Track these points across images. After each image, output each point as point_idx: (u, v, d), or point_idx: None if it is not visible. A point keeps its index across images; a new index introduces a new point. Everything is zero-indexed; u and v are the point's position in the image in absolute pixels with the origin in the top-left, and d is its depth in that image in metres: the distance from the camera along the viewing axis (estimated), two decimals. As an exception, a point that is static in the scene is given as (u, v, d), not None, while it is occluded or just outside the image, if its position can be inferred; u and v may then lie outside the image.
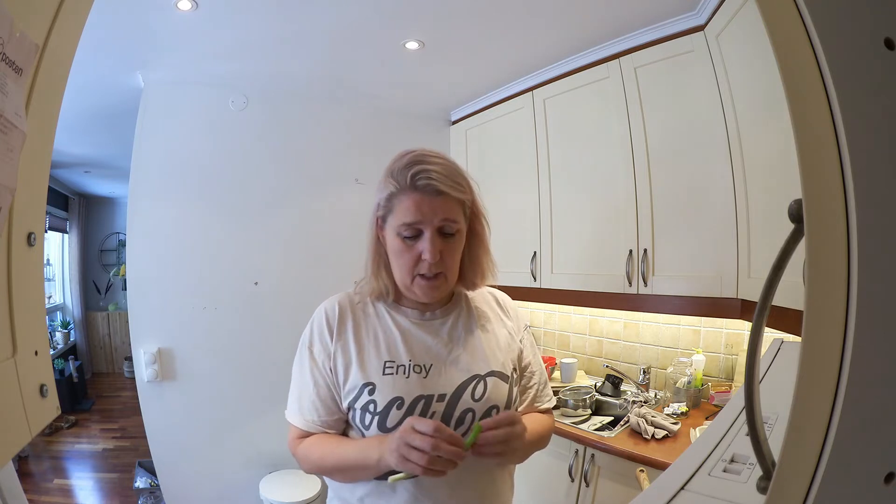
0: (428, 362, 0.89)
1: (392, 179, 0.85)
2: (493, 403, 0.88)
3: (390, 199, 0.86)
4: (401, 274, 0.88)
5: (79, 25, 0.49)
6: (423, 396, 0.85)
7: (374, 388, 0.86)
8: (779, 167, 1.28)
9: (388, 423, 0.84)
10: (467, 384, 0.88)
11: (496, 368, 0.92)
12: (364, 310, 0.94)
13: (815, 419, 0.38)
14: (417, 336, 0.91)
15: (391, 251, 0.88)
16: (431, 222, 0.83)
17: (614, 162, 1.98)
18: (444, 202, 0.83)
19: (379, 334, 0.91)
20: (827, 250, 0.37)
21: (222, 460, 2.31)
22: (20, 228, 0.44)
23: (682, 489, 0.66)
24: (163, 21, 1.71)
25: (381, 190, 0.88)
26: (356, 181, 2.60)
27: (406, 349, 0.89)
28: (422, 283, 0.87)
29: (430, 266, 0.85)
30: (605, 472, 1.72)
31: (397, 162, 0.86)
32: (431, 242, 0.83)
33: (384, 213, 0.88)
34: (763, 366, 0.97)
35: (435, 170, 0.83)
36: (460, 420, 0.86)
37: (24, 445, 0.43)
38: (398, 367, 0.87)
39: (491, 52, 2.05)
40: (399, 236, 0.85)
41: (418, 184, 0.82)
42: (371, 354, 0.89)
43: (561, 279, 2.24)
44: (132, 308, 2.13)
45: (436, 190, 0.82)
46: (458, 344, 0.92)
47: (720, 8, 1.51)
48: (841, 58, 0.38)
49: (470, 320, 0.96)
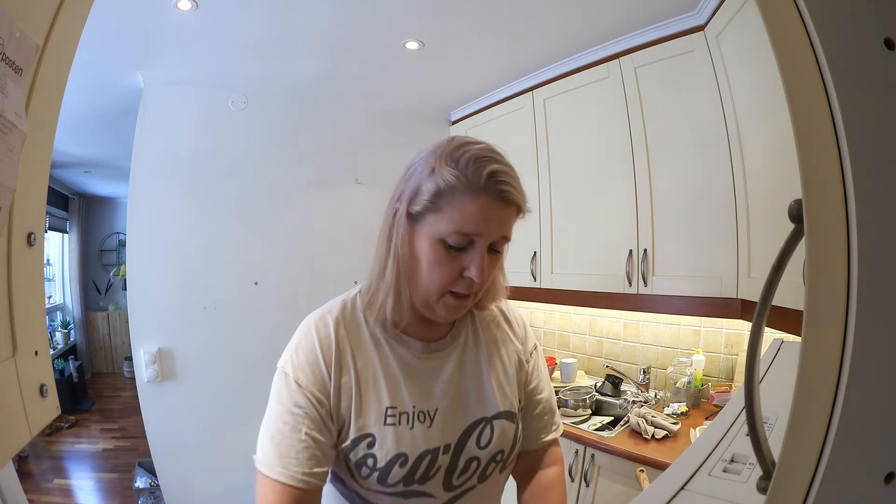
0: (433, 407, 0.76)
1: (454, 170, 0.66)
2: (500, 449, 0.80)
3: (442, 194, 0.66)
4: (428, 287, 0.71)
5: (79, 25, 0.49)
6: (428, 451, 0.74)
7: (373, 441, 0.73)
8: (779, 167, 1.28)
9: (389, 479, 0.73)
10: (472, 429, 0.78)
11: (504, 409, 0.81)
12: (359, 336, 0.77)
13: (815, 419, 0.38)
14: (421, 374, 0.78)
15: (424, 259, 0.70)
16: (490, 235, 0.68)
17: (614, 162, 1.98)
18: (509, 215, 0.69)
19: (378, 372, 0.75)
20: (827, 250, 0.37)
21: (222, 460, 2.30)
22: (20, 228, 0.44)
23: (682, 489, 0.66)
24: (163, 21, 1.71)
25: (425, 178, 0.68)
26: (356, 181, 2.60)
27: (409, 392, 0.76)
28: (451, 301, 0.72)
29: (472, 286, 0.70)
30: (605, 472, 1.72)
31: (460, 150, 0.67)
32: (483, 259, 0.68)
33: (424, 209, 0.68)
34: (763, 366, 0.97)
35: (510, 173, 0.68)
36: (465, 469, 0.77)
37: (24, 445, 0.43)
38: (401, 416, 0.74)
39: (491, 52, 2.05)
40: (442, 243, 0.68)
41: (494, 187, 0.66)
42: (370, 397, 0.74)
43: (561, 279, 2.24)
44: (132, 308, 2.13)
45: (508, 199, 0.67)
46: (464, 381, 0.80)
47: (720, 8, 1.51)
48: (841, 58, 0.38)
49: (478, 350, 0.83)
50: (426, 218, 0.69)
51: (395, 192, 0.73)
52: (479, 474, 0.79)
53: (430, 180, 0.67)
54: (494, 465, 0.81)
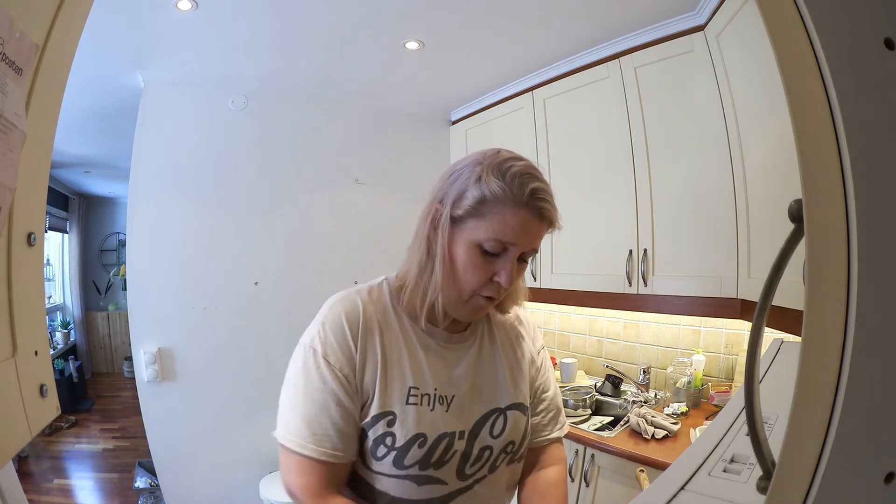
0: (451, 393, 0.80)
1: (501, 182, 0.71)
2: (511, 439, 0.84)
3: (486, 202, 0.72)
4: (461, 288, 0.76)
5: (79, 25, 0.49)
6: (446, 434, 0.77)
7: (393, 420, 0.75)
8: (779, 167, 1.28)
9: (406, 460, 0.75)
10: (486, 418, 0.82)
11: (517, 400, 0.86)
12: (387, 317, 0.81)
13: (815, 419, 0.38)
14: (443, 361, 0.82)
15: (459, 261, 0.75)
16: (524, 247, 0.74)
17: (614, 161, 1.98)
18: (542, 230, 0.75)
19: (403, 352, 0.79)
20: (827, 250, 0.37)
21: (222, 460, 2.31)
22: (20, 228, 0.44)
23: (682, 489, 0.66)
24: (163, 21, 1.71)
25: (471, 185, 0.73)
26: (356, 181, 2.60)
27: (432, 375, 0.79)
28: (480, 302, 0.77)
29: (500, 291, 0.76)
30: (605, 472, 1.72)
31: (507, 164, 0.73)
32: (513, 266, 0.74)
33: (466, 213, 0.73)
34: (763, 366, 0.97)
35: (549, 192, 0.74)
36: (478, 457, 0.80)
37: (24, 445, 0.43)
38: (423, 397, 0.77)
39: (491, 52, 2.05)
40: (478, 248, 0.73)
41: (535, 204, 0.72)
42: (394, 375, 0.77)
43: (561, 279, 2.24)
44: (132, 308, 2.13)
45: (545, 216, 0.73)
46: (481, 372, 0.85)
47: (720, 8, 1.51)
48: (841, 58, 0.38)
49: (493, 345, 0.89)
50: (467, 222, 0.74)
51: (437, 194, 0.77)
52: (490, 464, 0.82)
53: (475, 188, 0.72)
54: (505, 455, 0.84)
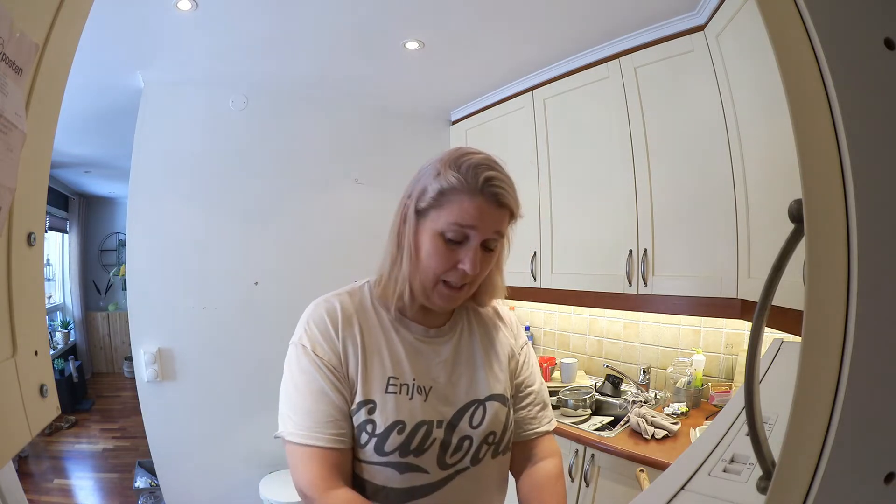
0: (429, 384, 0.84)
1: (457, 174, 0.77)
2: (491, 430, 0.86)
3: (445, 193, 0.77)
4: (426, 276, 0.81)
5: (79, 25, 0.49)
6: (424, 422, 0.81)
7: (373, 408, 0.80)
8: (779, 167, 1.28)
9: (386, 446, 0.79)
10: (466, 409, 0.85)
11: (496, 392, 0.88)
12: (366, 314, 0.86)
13: (815, 419, 0.38)
14: (421, 354, 0.86)
15: (424, 250, 0.80)
16: (484, 232, 0.78)
17: (614, 162, 1.98)
18: (501, 216, 0.79)
19: (382, 345, 0.84)
20: (827, 250, 0.37)
21: (222, 460, 2.31)
22: (20, 228, 0.44)
23: (682, 489, 0.66)
24: (163, 21, 1.71)
25: (431, 180, 0.79)
26: (356, 181, 2.60)
27: (410, 366, 0.84)
28: (445, 291, 0.81)
29: (465, 277, 0.80)
30: (605, 472, 1.72)
31: (463, 158, 0.78)
32: (476, 253, 0.78)
33: (428, 206, 0.79)
34: (763, 366, 0.97)
35: (505, 181, 0.79)
36: (458, 447, 0.83)
37: (24, 445, 0.43)
38: (401, 386, 0.82)
39: (491, 52, 2.05)
40: (441, 236, 0.78)
41: (489, 190, 0.76)
42: (374, 366, 0.82)
43: (561, 279, 2.23)
44: (132, 308, 2.14)
45: (501, 202, 0.78)
46: (459, 365, 0.88)
47: (720, 8, 1.51)
48: (841, 58, 0.38)
49: (472, 338, 0.92)
50: (430, 214, 0.79)
51: (406, 191, 0.84)
52: (471, 455, 0.84)
53: (435, 182, 0.79)
54: (487, 447, 0.86)
